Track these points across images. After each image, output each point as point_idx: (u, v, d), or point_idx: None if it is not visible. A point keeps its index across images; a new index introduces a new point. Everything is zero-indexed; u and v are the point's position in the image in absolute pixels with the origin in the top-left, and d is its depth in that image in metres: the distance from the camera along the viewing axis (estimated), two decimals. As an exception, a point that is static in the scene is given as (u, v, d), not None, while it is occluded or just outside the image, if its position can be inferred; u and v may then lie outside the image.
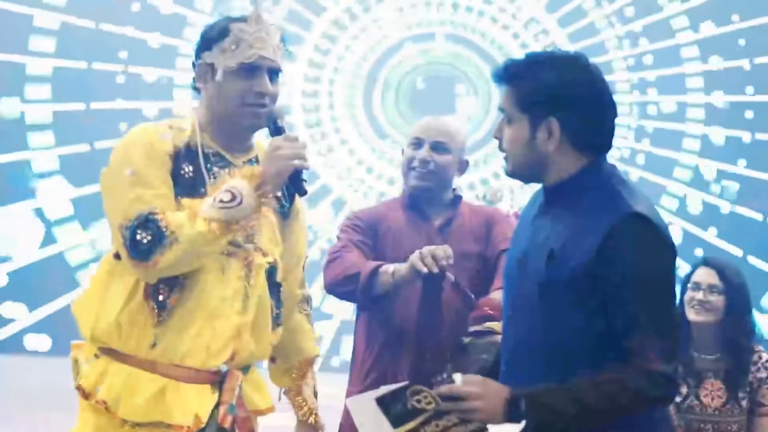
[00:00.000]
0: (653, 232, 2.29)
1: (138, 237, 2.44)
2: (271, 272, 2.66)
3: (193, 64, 2.67)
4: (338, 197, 10.14)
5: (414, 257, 3.15)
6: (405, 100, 10.31)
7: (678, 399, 3.65)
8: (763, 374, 3.67)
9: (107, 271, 2.58)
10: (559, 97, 2.34)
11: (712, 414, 3.65)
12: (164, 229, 2.44)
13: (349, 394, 3.44)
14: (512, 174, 2.45)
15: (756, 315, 3.92)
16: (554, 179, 2.39)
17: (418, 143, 3.46)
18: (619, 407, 2.23)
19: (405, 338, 3.37)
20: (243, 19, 2.61)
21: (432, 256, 3.12)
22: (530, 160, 2.38)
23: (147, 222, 2.44)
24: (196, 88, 2.69)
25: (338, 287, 3.38)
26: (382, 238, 3.46)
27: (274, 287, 2.68)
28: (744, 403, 3.64)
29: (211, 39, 2.62)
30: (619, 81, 9.75)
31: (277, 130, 2.60)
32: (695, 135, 9.75)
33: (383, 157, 10.23)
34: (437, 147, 3.43)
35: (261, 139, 2.75)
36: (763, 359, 3.68)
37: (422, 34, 10.31)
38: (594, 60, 2.44)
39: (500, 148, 2.44)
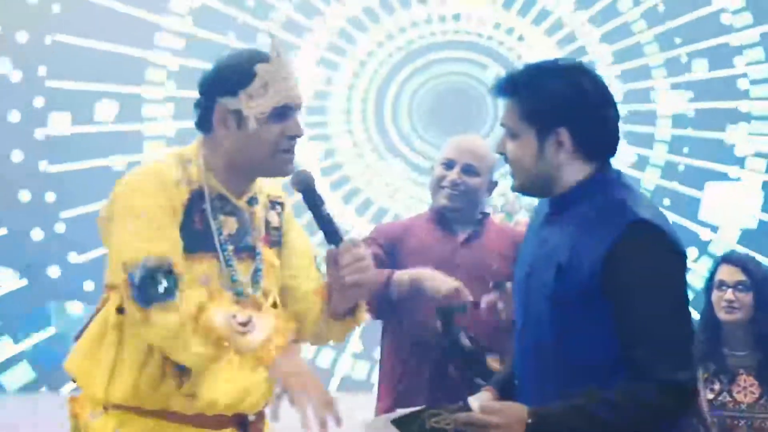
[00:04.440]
0: (659, 239, 2.24)
1: (151, 281, 2.28)
2: None
3: (202, 103, 2.48)
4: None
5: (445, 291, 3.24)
6: (419, 113, 10.30)
7: (710, 396, 3.61)
8: None
9: (112, 327, 2.40)
10: (567, 107, 2.30)
11: (746, 410, 3.60)
12: (177, 291, 2.30)
13: (377, 410, 3.45)
14: (521, 189, 2.40)
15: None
16: (561, 189, 2.35)
17: (449, 164, 3.52)
18: (637, 421, 2.19)
19: (427, 347, 3.37)
20: (265, 58, 2.43)
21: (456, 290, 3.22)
22: (540, 173, 2.33)
23: (168, 273, 2.30)
24: (203, 128, 2.49)
25: None
26: (405, 251, 3.49)
27: None
28: (779, 398, 3.61)
29: (233, 83, 2.41)
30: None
31: (314, 199, 2.47)
32: None
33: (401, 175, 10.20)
34: (468, 170, 3.49)
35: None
36: (795, 351, 3.64)
37: (438, 44, 10.28)
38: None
39: (506, 162, 2.38)
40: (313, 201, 2.47)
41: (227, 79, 2.42)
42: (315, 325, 2.61)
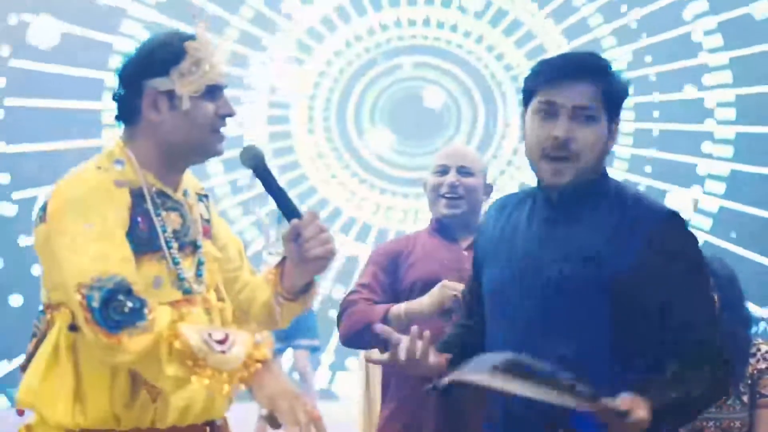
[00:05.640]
0: (690, 231, 2.29)
1: (116, 304, 2.14)
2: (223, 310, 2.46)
3: (124, 92, 2.36)
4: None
5: (441, 293, 3.12)
6: (381, 118, 10.25)
7: (678, 397, 3.55)
8: (762, 365, 3.58)
9: (66, 348, 2.27)
10: (625, 98, 2.34)
11: (714, 411, 3.54)
12: (146, 311, 2.14)
13: (381, 418, 3.43)
14: (570, 181, 2.28)
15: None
16: (584, 181, 2.30)
17: (443, 170, 3.46)
18: (703, 403, 2.26)
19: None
20: (192, 37, 2.36)
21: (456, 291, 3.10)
22: (598, 161, 2.30)
23: (128, 292, 2.15)
24: (128, 119, 2.38)
25: (353, 343, 3.36)
26: (409, 262, 3.43)
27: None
28: (745, 399, 3.55)
29: (163, 62, 2.32)
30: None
31: (268, 174, 2.41)
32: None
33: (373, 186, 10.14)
34: (463, 171, 3.44)
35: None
36: (762, 350, 3.60)
37: (396, 49, 10.27)
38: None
39: (567, 149, 2.26)
40: (266, 176, 2.41)
41: (156, 59, 2.33)
42: (264, 309, 2.55)
